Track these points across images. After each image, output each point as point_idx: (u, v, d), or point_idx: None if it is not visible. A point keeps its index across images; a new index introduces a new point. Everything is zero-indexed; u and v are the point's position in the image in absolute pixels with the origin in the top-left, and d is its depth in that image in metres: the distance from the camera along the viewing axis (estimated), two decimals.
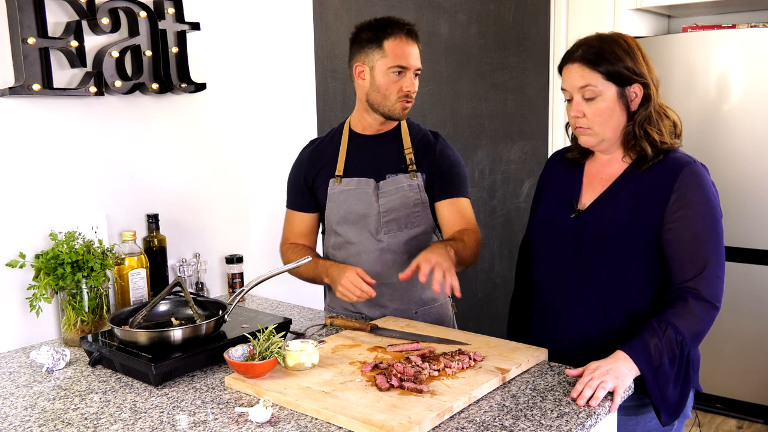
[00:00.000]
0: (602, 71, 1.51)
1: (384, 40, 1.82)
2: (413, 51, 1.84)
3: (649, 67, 1.54)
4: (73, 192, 1.91)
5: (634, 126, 1.54)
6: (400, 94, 1.84)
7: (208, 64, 2.21)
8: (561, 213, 1.65)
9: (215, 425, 1.29)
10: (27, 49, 1.73)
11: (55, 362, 1.60)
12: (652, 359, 1.43)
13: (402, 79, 1.83)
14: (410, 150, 1.92)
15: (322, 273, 1.89)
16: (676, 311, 1.47)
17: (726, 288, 1.54)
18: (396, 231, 1.90)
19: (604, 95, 1.52)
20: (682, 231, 1.50)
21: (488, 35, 3.57)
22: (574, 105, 1.56)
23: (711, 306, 1.49)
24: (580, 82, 1.53)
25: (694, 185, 1.50)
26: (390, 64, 1.82)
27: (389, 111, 1.87)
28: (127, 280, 1.92)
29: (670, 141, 1.55)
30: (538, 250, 1.72)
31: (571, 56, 1.56)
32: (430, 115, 3.25)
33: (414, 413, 1.25)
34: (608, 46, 1.52)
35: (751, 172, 3.35)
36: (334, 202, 1.92)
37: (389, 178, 1.90)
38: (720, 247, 1.51)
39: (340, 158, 1.94)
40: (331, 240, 1.98)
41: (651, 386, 1.44)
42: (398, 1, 3.03)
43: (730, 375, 3.49)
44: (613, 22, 3.75)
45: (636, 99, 1.54)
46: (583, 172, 1.67)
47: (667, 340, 1.44)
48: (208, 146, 2.24)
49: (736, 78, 3.35)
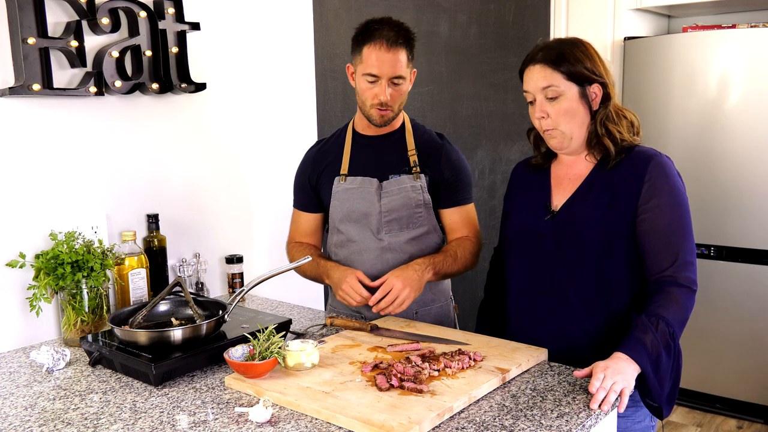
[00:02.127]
0: (563, 71, 1.55)
1: (364, 45, 1.80)
2: (391, 59, 1.78)
3: (606, 69, 1.60)
4: (73, 192, 1.91)
5: (596, 124, 1.59)
6: (374, 102, 1.82)
7: (208, 64, 2.21)
8: (535, 216, 1.66)
9: (215, 425, 1.29)
10: (27, 49, 1.73)
11: (55, 362, 1.60)
12: (651, 356, 1.44)
13: (375, 87, 1.81)
14: (414, 151, 1.92)
15: (323, 274, 1.90)
16: (662, 303, 1.50)
17: (726, 288, 1.55)
18: (397, 231, 1.91)
19: (566, 94, 1.56)
20: (655, 221, 1.54)
21: (488, 35, 3.58)
22: (538, 106, 1.59)
23: (689, 290, 1.53)
24: (543, 83, 1.56)
25: (662, 175, 1.54)
26: (364, 71, 1.80)
27: (367, 116, 1.87)
28: (127, 280, 1.92)
29: (630, 138, 1.60)
30: (514, 255, 1.73)
31: (532, 59, 1.59)
32: (430, 115, 3.25)
33: (414, 413, 1.25)
34: (568, 48, 1.57)
35: (751, 172, 3.35)
36: (338, 200, 1.93)
37: (392, 178, 1.90)
38: (690, 233, 1.56)
39: (345, 157, 1.94)
40: (334, 238, 1.98)
41: (652, 383, 1.45)
42: (398, 1, 3.03)
43: (730, 375, 3.49)
44: (613, 22, 3.75)
45: (596, 99, 1.58)
46: (549, 175, 1.70)
47: (661, 333, 1.46)
48: (208, 146, 2.24)
49: (736, 78, 3.35)
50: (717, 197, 3.44)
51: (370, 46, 1.78)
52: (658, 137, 3.55)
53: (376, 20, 1.82)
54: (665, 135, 3.54)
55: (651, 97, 3.60)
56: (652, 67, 3.59)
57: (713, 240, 3.47)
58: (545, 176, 1.70)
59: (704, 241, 3.48)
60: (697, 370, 3.57)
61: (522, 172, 1.79)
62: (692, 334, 3.54)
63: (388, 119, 1.87)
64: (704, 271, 3.60)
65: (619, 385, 1.36)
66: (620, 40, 3.73)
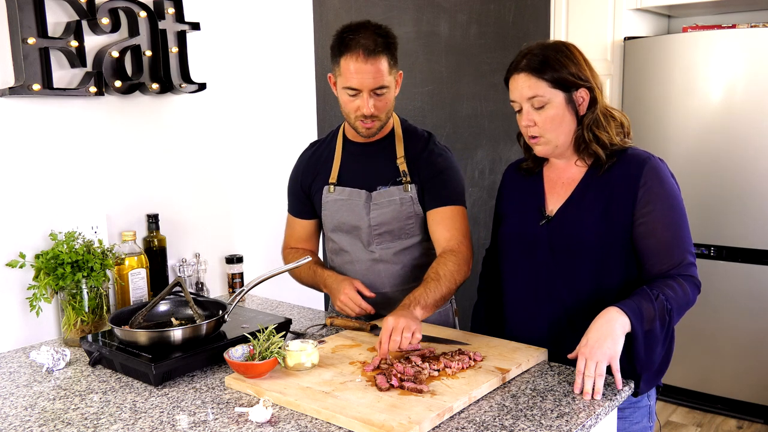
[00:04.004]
0: (548, 78, 1.53)
1: (341, 56, 1.69)
2: (370, 70, 1.66)
3: (592, 71, 1.57)
4: (73, 192, 1.91)
5: (582, 130, 1.56)
6: (357, 114, 1.73)
7: (208, 64, 2.21)
8: (530, 221, 1.65)
9: (215, 425, 1.29)
10: (27, 49, 1.73)
11: (55, 362, 1.60)
12: (643, 319, 1.44)
13: (357, 99, 1.71)
14: (402, 159, 1.83)
15: (321, 283, 1.88)
16: (666, 284, 1.50)
17: (726, 288, 1.55)
18: (389, 242, 1.87)
19: (552, 102, 1.54)
20: (654, 224, 1.53)
21: (488, 35, 3.58)
22: (524, 115, 1.57)
23: (694, 284, 1.53)
24: (528, 93, 1.55)
25: (658, 179, 1.53)
26: (343, 84, 1.70)
27: (353, 128, 1.79)
28: (127, 280, 1.92)
29: (619, 141, 1.58)
30: (509, 261, 1.71)
31: (516, 66, 1.57)
32: (430, 115, 3.25)
33: (414, 413, 1.26)
34: (552, 53, 1.54)
35: (751, 171, 3.35)
36: (328, 210, 1.90)
37: (381, 189, 1.83)
38: (688, 235, 1.56)
39: (335, 166, 1.89)
40: (329, 245, 1.97)
41: (638, 347, 1.44)
42: (398, 1, 3.03)
43: (730, 375, 3.49)
44: (613, 22, 3.75)
45: (583, 103, 1.56)
46: (542, 179, 1.69)
47: (660, 305, 1.45)
48: (208, 146, 2.24)
49: (736, 78, 3.35)
50: (717, 197, 3.43)
51: (347, 58, 1.67)
52: (658, 137, 3.55)
53: (351, 27, 1.70)
54: (665, 135, 3.54)
55: (651, 97, 3.60)
56: (652, 67, 3.59)
57: (713, 240, 3.47)
58: (538, 180, 1.69)
59: (704, 241, 3.48)
60: (697, 370, 3.57)
61: (513, 174, 1.77)
62: (692, 334, 3.54)
63: (375, 130, 1.79)
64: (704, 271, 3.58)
65: (603, 364, 1.37)
66: (620, 40, 3.73)
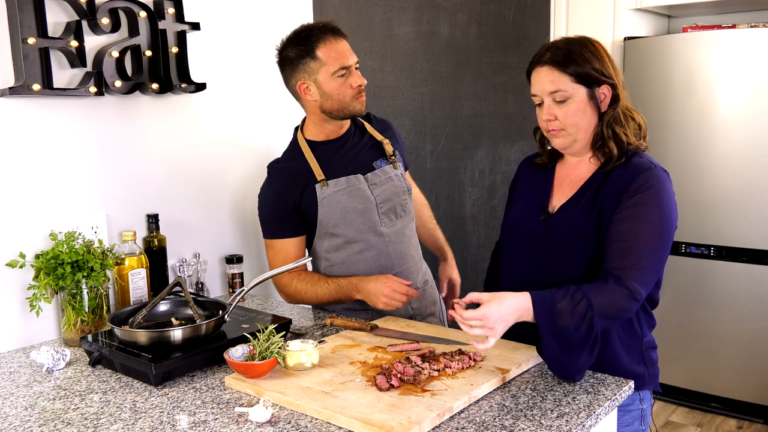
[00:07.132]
0: (571, 72, 1.52)
1: (315, 49, 1.81)
2: (346, 47, 1.84)
3: (615, 69, 1.56)
4: (73, 192, 1.91)
5: (602, 126, 1.55)
6: (355, 90, 1.85)
7: (208, 64, 2.21)
8: (531, 215, 1.65)
9: (215, 425, 1.29)
10: (27, 49, 1.73)
11: (55, 362, 1.60)
12: (553, 317, 1.39)
13: (349, 77, 1.84)
14: (387, 141, 1.99)
15: (351, 291, 1.85)
16: (595, 288, 1.44)
17: (726, 288, 1.53)
18: (394, 219, 1.95)
19: (574, 97, 1.53)
20: (626, 225, 1.47)
21: (488, 35, 3.57)
22: (545, 109, 1.56)
23: (630, 295, 1.44)
24: (550, 87, 1.53)
25: (648, 188, 1.48)
26: (332, 70, 1.81)
27: (350, 111, 1.88)
28: (127, 280, 1.92)
29: (635, 142, 1.56)
30: (508, 252, 1.73)
31: (539, 60, 1.56)
32: (430, 115, 3.25)
33: (414, 413, 1.26)
34: (576, 48, 1.53)
35: (750, 172, 3.35)
36: (327, 205, 1.89)
37: (377, 168, 1.94)
38: (662, 251, 1.49)
39: (314, 167, 1.90)
40: (325, 244, 1.94)
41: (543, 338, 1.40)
42: (398, 1, 3.03)
43: (730, 375, 3.49)
44: (613, 22, 3.75)
45: (605, 100, 1.55)
46: (553, 175, 1.68)
47: (579, 312, 1.39)
48: (208, 146, 2.24)
49: (736, 78, 3.35)
50: (717, 197, 3.43)
51: (324, 45, 1.81)
52: (658, 137, 3.54)
53: (306, 26, 1.86)
54: (665, 135, 3.54)
55: (651, 97, 3.60)
56: (652, 67, 3.59)
57: (713, 240, 3.47)
58: (549, 176, 1.69)
59: (704, 241, 3.48)
60: (697, 370, 3.57)
61: (527, 168, 1.77)
62: (692, 334, 3.55)
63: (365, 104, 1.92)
64: (704, 271, 3.61)
65: (490, 341, 1.40)
66: (620, 40, 3.73)
